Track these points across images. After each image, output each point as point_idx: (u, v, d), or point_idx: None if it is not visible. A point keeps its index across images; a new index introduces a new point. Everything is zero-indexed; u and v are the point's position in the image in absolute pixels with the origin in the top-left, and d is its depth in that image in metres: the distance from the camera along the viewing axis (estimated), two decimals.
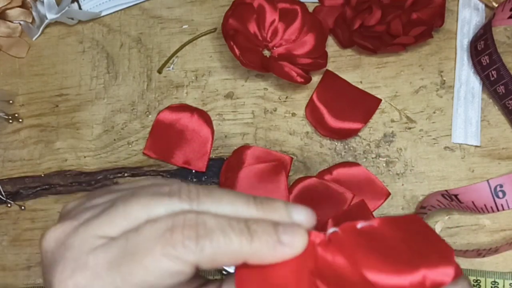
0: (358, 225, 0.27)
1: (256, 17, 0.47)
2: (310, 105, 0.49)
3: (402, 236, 0.26)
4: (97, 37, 0.51)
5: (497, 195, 0.45)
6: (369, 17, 0.47)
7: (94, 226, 0.25)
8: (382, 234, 0.26)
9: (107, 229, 0.25)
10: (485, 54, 0.47)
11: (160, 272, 0.24)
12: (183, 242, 0.23)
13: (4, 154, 0.49)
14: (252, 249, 0.24)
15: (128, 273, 0.24)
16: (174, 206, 0.25)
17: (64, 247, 0.25)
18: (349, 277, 0.24)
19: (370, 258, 0.25)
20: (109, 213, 0.25)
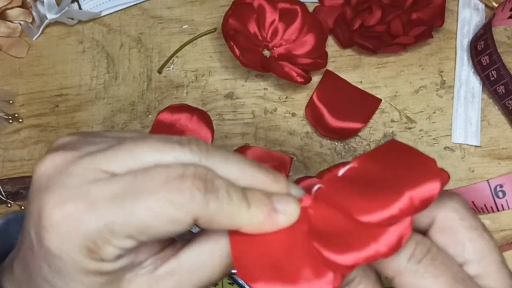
0: (339, 173, 0.27)
1: (256, 17, 0.47)
2: (310, 105, 0.49)
3: (383, 166, 0.26)
4: (97, 37, 0.51)
5: (497, 195, 0.45)
6: (369, 17, 0.47)
7: (99, 159, 0.24)
8: (364, 172, 0.26)
9: (113, 164, 0.24)
10: (485, 54, 0.47)
11: (161, 216, 0.23)
12: (191, 191, 0.23)
13: (4, 154, 0.49)
14: (249, 216, 0.25)
15: (129, 211, 0.23)
16: (184, 156, 0.25)
17: (64, 174, 0.24)
18: (343, 227, 0.25)
19: (357, 201, 0.25)
20: (116, 150, 0.24)
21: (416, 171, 0.24)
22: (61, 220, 0.23)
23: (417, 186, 0.24)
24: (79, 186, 0.24)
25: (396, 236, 0.23)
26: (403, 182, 0.24)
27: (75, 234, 0.23)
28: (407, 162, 0.25)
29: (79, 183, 0.24)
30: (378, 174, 0.26)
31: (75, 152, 0.25)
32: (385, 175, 0.25)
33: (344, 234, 0.24)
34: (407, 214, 0.24)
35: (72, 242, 0.23)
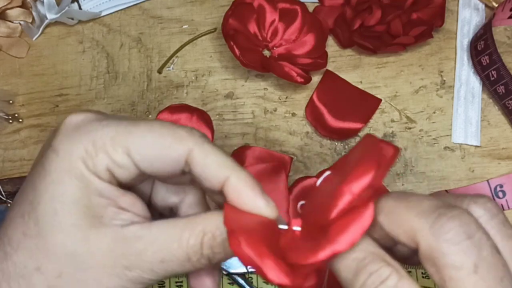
0: (317, 183, 0.27)
1: (256, 17, 0.47)
2: (310, 105, 0.49)
3: (356, 155, 0.26)
4: (97, 37, 0.51)
5: (497, 195, 0.45)
6: (369, 17, 0.47)
7: (123, 126, 0.27)
8: (335, 177, 0.27)
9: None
10: (485, 54, 0.47)
11: (161, 143, 0.26)
12: (191, 131, 0.27)
13: (4, 154, 0.49)
14: (236, 174, 0.26)
15: (133, 131, 0.26)
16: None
17: (92, 125, 0.27)
18: (317, 238, 0.25)
19: (326, 208, 0.25)
20: (135, 124, 0.27)
21: (359, 163, 0.24)
22: (72, 123, 0.27)
23: (352, 179, 0.24)
24: (97, 139, 0.26)
25: (349, 233, 0.24)
26: (346, 178, 0.24)
27: (80, 134, 0.26)
28: (360, 155, 0.25)
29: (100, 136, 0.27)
30: (342, 176, 0.26)
31: (102, 119, 0.27)
32: (343, 175, 0.25)
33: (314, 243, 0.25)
34: (354, 204, 0.24)
35: (75, 139, 0.26)
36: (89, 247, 0.26)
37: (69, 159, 0.26)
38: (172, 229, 0.26)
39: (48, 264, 0.26)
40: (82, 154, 0.26)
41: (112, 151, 0.26)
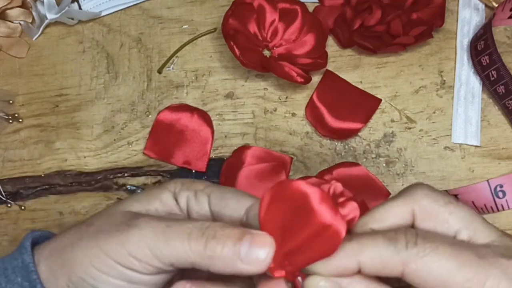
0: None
1: (256, 17, 0.47)
2: (310, 105, 0.49)
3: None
4: (97, 37, 0.51)
5: (497, 195, 0.45)
6: (369, 17, 0.47)
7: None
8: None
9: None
10: (485, 54, 0.47)
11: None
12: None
13: (4, 154, 0.49)
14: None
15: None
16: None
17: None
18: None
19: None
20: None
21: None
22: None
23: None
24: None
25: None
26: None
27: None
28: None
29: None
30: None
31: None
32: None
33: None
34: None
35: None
36: (123, 215, 0.32)
37: (169, 182, 0.35)
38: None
39: (91, 219, 0.33)
40: (174, 182, 0.35)
41: (198, 190, 0.34)
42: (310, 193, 0.29)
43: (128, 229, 0.30)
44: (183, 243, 0.29)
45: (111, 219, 0.32)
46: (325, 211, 0.29)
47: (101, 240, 0.30)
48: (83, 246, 0.31)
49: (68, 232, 0.33)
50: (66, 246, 0.32)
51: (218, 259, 0.29)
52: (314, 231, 0.29)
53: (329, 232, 0.29)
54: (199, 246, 0.29)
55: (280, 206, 0.29)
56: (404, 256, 0.28)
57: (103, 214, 0.33)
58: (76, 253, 0.31)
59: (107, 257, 0.30)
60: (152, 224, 0.30)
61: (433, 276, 0.27)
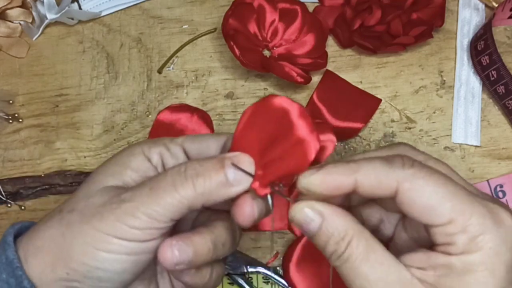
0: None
1: (256, 17, 0.47)
2: (310, 105, 0.49)
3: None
4: (97, 37, 0.51)
5: (497, 195, 0.45)
6: (369, 17, 0.47)
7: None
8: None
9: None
10: (485, 54, 0.47)
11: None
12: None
13: (4, 154, 0.49)
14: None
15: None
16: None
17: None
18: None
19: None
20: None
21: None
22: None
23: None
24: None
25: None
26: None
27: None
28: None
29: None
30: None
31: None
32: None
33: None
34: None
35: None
36: (102, 193, 0.32)
37: (134, 144, 0.35)
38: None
39: (68, 204, 0.33)
40: (144, 143, 0.35)
41: (169, 143, 0.35)
42: (291, 108, 0.31)
43: (119, 205, 0.31)
44: (173, 195, 0.30)
45: (93, 200, 0.32)
46: (302, 126, 0.31)
47: (95, 222, 0.31)
48: (77, 233, 0.31)
49: (49, 222, 0.32)
50: (55, 236, 0.32)
51: (210, 193, 0.30)
52: (290, 144, 0.31)
53: (303, 146, 0.31)
54: (189, 190, 0.30)
55: (259, 121, 0.32)
56: (400, 175, 0.28)
57: (80, 198, 0.33)
58: (70, 241, 0.31)
59: (109, 236, 0.30)
60: (137, 193, 0.31)
61: (424, 199, 0.28)
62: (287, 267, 0.45)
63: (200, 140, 0.35)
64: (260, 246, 0.47)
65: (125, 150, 0.35)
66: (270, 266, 0.46)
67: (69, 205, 0.33)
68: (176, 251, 0.31)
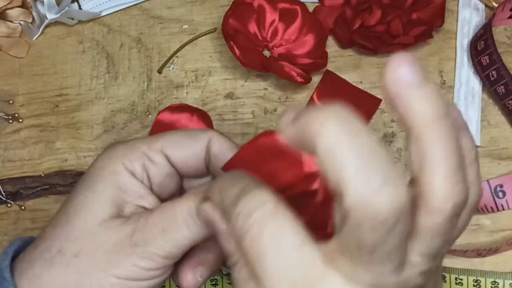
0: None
1: (256, 17, 0.47)
2: (310, 105, 0.49)
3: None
4: (97, 37, 0.51)
5: (497, 195, 0.45)
6: (369, 17, 0.47)
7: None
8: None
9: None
10: (485, 54, 0.47)
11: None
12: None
13: (4, 154, 0.49)
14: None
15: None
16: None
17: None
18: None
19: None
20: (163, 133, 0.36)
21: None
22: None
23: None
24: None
25: None
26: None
27: (119, 146, 0.35)
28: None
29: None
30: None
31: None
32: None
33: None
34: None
35: (115, 148, 0.35)
36: (106, 230, 0.31)
37: (108, 159, 0.33)
38: (171, 203, 0.31)
39: (69, 246, 0.31)
40: (121, 155, 0.33)
41: (148, 151, 0.33)
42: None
43: (133, 250, 0.30)
44: (187, 236, 0.30)
45: (99, 241, 0.31)
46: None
47: (111, 270, 0.31)
48: (92, 280, 0.31)
49: (53, 268, 0.31)
50: (68, 285, 0.31)
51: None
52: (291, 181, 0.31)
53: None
54: (201, 229, 0.30)
55: (257, 157, 0.31)
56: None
57: (78, 236, 0.31)
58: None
59: (127, 280, 0.31)
60: (149, 235, 0.30)
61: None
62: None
63: (182, 145, 0.34)
64: None
65: (106, 167, 0.33)
66: None
67: (69, 246, 0.31)
68: (199, 278, 0.32)
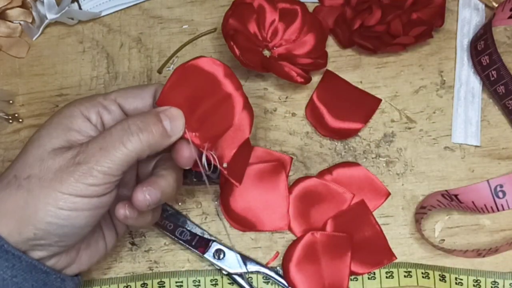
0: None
1: (256, 17, 0.47)
2: (310, 105, 0.49)
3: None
4: (97, 37, 0.51)
5: (497, 195, 0.45)
6: (369, 17, 0.47)
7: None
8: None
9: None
10: (485, 54, 0.47)
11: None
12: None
13: (4, 154, 0.49)
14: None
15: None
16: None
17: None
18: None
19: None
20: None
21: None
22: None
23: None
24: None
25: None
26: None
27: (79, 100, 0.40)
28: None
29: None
30: None
31: None
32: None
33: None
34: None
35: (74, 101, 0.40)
36: (55, 156, 0.35)
37: (67, 106, 0.38)
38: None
39: (23, 170, 0.35)
40: (78, 103, 0.38)
41: (103, 101, 0.38)
42: (217, 68, 0.36)
43: (76, 168, 0.34)
44: (123, 151, 0.35)
45: (47, 164, 0.35)
46: (228, 84, 0.37)
47: (56, 185, 0.34)
48: (40, 197, 0.34)
49: (8, 189, 0.35)
50: (18, 202, 0.35)
51: (154, 144, 0.36)
52: (218, 100, 0.37)
53: (230, 102, 0.37)
54: (136, 144, 0.35)
55: (186, 80, 0.36)
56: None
57: (31, 162, 0.35)
58: (35, 205, 0.34)
59: (71, 196, 0.34)
60: (89, 154, 0.35)
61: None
62: (287, 267, 0.45)
63: (133, 94, 0.39)
64: (260, 246, 0.47)
65: (62, 112, 0.38)
66: (270, 266, 0.46)
67: (22, 171, 0.35)
68: (147, 195, 0.36)
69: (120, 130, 0.35)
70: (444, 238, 0.47)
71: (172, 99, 0.37)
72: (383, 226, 0.46)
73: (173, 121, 0.36)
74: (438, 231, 0.47)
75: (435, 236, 0.47)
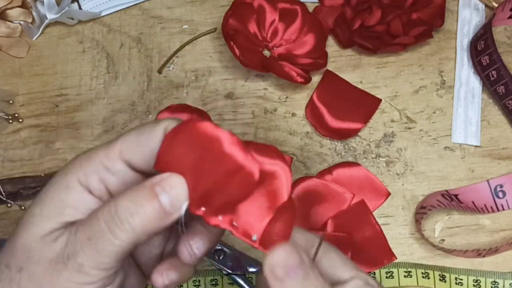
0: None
1: (256, 17, 0.47)
2: (310, 105, 0.49)
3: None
4: (97, 37, 0.51)
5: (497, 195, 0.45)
6: (369, 17, 0.47)
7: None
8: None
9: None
10: (485, 54, 0.47)
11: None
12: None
13: (4, 154, 0.49)
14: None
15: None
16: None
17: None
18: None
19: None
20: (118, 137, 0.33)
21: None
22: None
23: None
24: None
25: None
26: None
27: (77, 159, 0.32)
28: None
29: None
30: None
31: None
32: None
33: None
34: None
35: (72, 163, 0.31)
36: (43, 246, 0.30)
37: (63, 174, 0.31)
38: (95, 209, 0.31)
39: (14, 261, 0.30)
40: (76, 169, 0.30)
41: (105, 160, 0.30)
42: (220, 136, 0.29)
43: (65, 265, 0.29)
44: (114, 243, 0.29)
45: (36, 257, 0.30)
46: (237, 152, 0.29)
47: (46, 285, 0.30)
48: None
49: (1, 283, 0.30)
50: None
51: (151, 229, 0.29)
52: (227, 172, 0.29)
53: (243, 173, 0.29)
54: (128, 234, 0.29)
55: (185, 147, 0.29)
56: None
57: (20, 253, 0.31)
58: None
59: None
60: (77, 246, 0.29)
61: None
62: None
63: (139, 142, 0.31)
64: None
65: (58, 182, 0.31)
66: None
67: (14, 262, 0.31)
68: (166, 281, 0.31)
69: (107, 215, 0.29)
70: (444, 238, 0.46)
71: (173, 165, 0.30)
72: (383, 226, 0.46)
73: (173, 193, 0.29)
74: (438, 231, 0.47)
75: (435, 236, 0.47)
